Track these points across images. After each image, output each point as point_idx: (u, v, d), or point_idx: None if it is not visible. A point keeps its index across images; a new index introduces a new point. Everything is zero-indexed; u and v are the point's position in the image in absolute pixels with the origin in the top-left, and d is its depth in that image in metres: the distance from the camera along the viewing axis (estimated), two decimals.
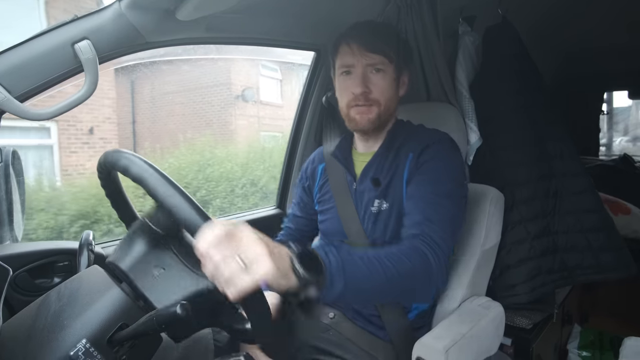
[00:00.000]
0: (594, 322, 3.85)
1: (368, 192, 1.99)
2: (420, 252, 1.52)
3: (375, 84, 1.89)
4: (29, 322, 1.20)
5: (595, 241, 2.65)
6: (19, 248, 1.89)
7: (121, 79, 13.64)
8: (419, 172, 1.84)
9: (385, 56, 1.88)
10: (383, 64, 1.88)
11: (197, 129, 14.03)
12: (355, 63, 1.89)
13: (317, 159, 2.32)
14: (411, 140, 1.97)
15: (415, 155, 1.88)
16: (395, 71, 1.93)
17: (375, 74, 1.89)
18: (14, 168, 1.89)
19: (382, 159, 1.99)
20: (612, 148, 6.83)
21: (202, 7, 1.68)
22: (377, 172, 1.98)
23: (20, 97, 1.55)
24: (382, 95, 1.90)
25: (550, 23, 3.72)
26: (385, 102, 1.92)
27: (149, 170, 1.17)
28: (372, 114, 1.91)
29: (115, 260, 1.28)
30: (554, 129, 2.72)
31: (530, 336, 2.72)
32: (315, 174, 2.29)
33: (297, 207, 2.38)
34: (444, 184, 1.78)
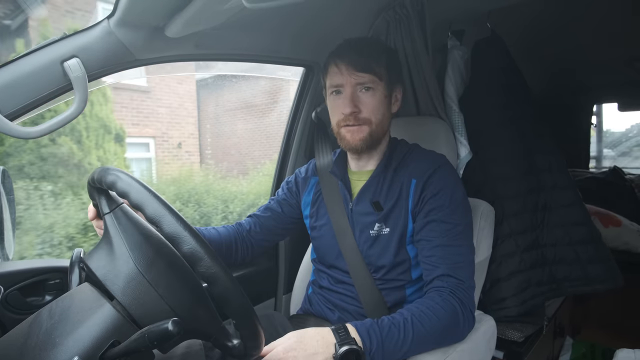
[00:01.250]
0: (586, 334, 3.86)
1: (367, 215, 1.97)
2: (452, 308, 1.60)
3: (365, 103, 1.88)
4: (20, 340, 1.20)
5: (583, 253, 2.66)
6: (9, 266, 1.87)
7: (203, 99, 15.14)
8: (427, 210, 1.83)
9: (375, 74, 1.86)
10: (373, 83, 1.87)
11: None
12: (344, 83, 1.88)
13: (311, 171, 2.30)
14: (410, 162, 1.96)
15: (420, 182, 1.87)
16: (387, 88, 1.92)
17: (364, 93, 1.88)
18: (4, 187, 1.89)
19: (380, 180, 1.98)
20: (601, 161, 6.85)
21: (191, 24, 1.68)
22: (377, 195, 1.96)
23: (10, 115, 1.55)
24: (373, 114, 1.88)
25: (538, 36, 3.74)
26: (377, 121, 1.90)
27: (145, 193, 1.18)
28: (363, 133, 1.89)
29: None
30: (542, 142, 2.74)
31: (522, 349, 2.72)
32: (306, 184, 2.27)
33: (276, 204, 2.34)
34: (458, 221, 1.81)
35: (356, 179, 2.08)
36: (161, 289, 1.24)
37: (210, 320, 1.30)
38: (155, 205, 1.16)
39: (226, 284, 1.13)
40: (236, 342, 1.29)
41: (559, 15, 3.30)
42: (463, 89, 2.75)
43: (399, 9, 2.47)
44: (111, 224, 1.34)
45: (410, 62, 2.51)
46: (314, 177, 2.25)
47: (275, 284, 2.84)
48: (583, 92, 5.38)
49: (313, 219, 2.19)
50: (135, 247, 1.28)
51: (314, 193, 2.21)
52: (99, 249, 1.33)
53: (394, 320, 1.51)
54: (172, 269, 1.31)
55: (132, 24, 1.69)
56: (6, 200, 1.91)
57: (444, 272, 1.69)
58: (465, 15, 2.77)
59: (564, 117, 5.06)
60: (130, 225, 1.34)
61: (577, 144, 5.72)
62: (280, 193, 2.36)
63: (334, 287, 2.07)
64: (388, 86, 1.92)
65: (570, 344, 3.63)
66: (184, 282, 1.30)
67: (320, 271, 2.18)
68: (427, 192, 1.84)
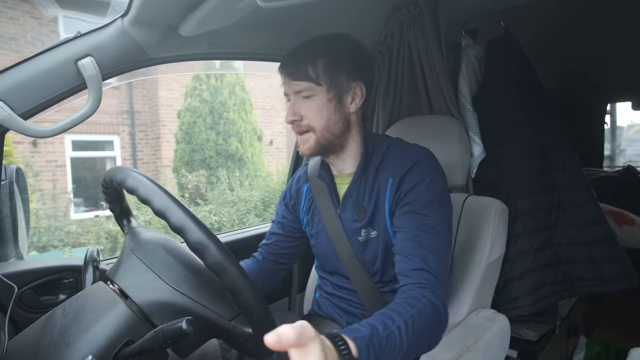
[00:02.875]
0: (600, 333, 3.84)
1: (353, 221, 1.92)
2: (434, 306, 1.52)
3: (306, 110, 1.80)
4: (34, 340, 1.20)
5: (598, 253, 2.65)
6: (24, 265, 1.88)
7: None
8: (403, 204, 1.77)
9: (311, 81, 1.76)
10: (310, 90, 1.77)
11: None
12: (287, 92, 1.84)
13: (302, 179, 2.21)
14: (390, 161, 1.88)
15: (396, 181, 1.80)
16: (330, 91, 1.78)
17: (305, 101, 1.80)
18: (18, 185, 1.89)
19: (361, 184, 1.91)
20: (615, 160, 6.82)
21: (205, 23, 1.68)
22: (360, 199, 1.90)
23: (24, 114, 1.56)
24: (315, 120, 1.80)
25: (552, 35, 3.73)
26: (321, 127, 1.80)
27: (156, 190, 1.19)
28: (310, 142, 1.83)
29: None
30: (556, 141, 2.72)
31: (536, 348, 2.71)
32: (300, 194, 2.20)
33: (278, 226, 2.27)
34: (434, 214, 1.73)
35: (340, 183, 2.01)
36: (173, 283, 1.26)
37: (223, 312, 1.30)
38: (161, 198, 1.16)
39: (234, 274, 1.14)
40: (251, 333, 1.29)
41: (573, 14, 3.29)
42: (477, 88, 2.74)
43: (412, 7, 2.46)
44: (129, 239, 1.40)
45: (423, 61, 2.51)
46: (306, 184, 2.17)
47: (289, 283, 2.84)
48: (597, 90, 5.36)
49: (310, 227, 2.14)
50: (152, 258, 1.31)
51: (307, 200, 2.15)
52: (120, 263, 1.36)
53: (388, 329, 1.39)
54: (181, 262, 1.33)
55: (146, 23, 1.69)
56: (20, 200, 1.92)
57: (419, 266, 1.62)
58: (479, 14, 2.76)
59: (577, 116, 5.03)
60: (146, 240, 1.39)
61: (591, 142, 5.69)
62: (280, 212, 2.28)
63: (339, 293, 2.06)
64: (332, 88, 1.79)
65: (584, 343, 3.61)
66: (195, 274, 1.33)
67: (323, 278, 2.17)
68: (402, 189, 1.78)
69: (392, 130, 2.52)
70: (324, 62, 1.78)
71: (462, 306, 2.08)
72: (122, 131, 13.20)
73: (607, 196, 3.83)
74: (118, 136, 13.20)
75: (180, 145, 12.57)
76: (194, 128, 12.44)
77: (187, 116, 12.55)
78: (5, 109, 1.50)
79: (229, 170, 12.10)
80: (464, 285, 2.12)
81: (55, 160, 11.29)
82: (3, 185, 1.82)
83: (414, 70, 2.57)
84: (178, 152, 12.62)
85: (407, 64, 2.59)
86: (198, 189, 11.74)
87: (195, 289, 1.29)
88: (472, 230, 2.14)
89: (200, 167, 12.24)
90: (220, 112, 12.62)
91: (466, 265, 2.13)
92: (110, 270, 1.37)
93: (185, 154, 12.44)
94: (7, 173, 1.85)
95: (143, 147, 13.57)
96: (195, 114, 12.48)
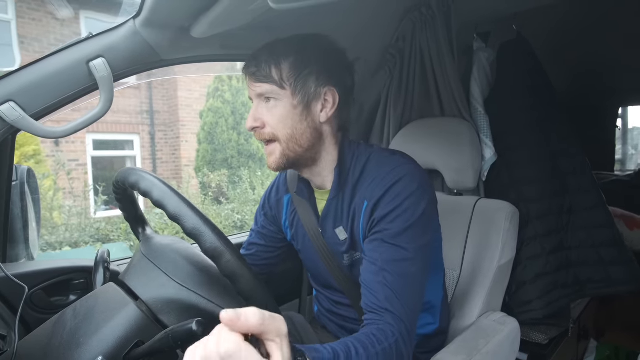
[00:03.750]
0: (610, 337, 3.83)
1: (335, 244, 1.78)
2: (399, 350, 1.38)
3: (267, 116, 1.62)
4: (45, 340, 1.21)
5: (606, 255, 2.65)
6: (34, 266, 1.88)
7: None
8: (375, 232, 1.59)
9: (273, 84, 1.58)
10: (272, 93, 1.59)
11: None
12: (251, 95, 1.67)
13: (282, 189, 2.04)
14: (365, 178, 1.68)
15: (370, 206, 1.62)
16: (295, 96, 1.60)
17: (267, 104, 1.62)
18: (29, 186, 1.90)
19: (338, 203, 1.75)
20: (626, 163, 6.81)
21: (217, 24, 1.67)
22: (338, 220, 1.75)
23: (35, 115, 1.56)
24: (278, 128, 1.62)
25: (564, 38, 3.72)
26: (286, 137, 1.62)
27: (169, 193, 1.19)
28: (276, 154, 1.65)
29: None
30: (567, 145, 2.72)
31: (546, 352, 2.70)
32: (280, 205, 2.03)
33: (258, 236, 2.12)
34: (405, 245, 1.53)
35: (319, 198, 1.85)
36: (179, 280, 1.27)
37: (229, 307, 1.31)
38: (175, 202, 1.16)
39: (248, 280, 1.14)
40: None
41: (585, 17, 3.28)
42: (489, 91, 2.73)
43: (425, 10, 2.46)
44: (142, 244, 1.42)
45: (435, 63, 2.51)
46: (286, 195, 2.00)
47: (299, 284, 2.84)
48: (609, 94, 5.34)
49: (296, 242, 2.01)
50: (165, 262, 1.32)
51: (290, 213, 1.98)
52: (130, 266, 1.37)
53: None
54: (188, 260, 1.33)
55: (157, 24, 1.69)
56: (31, 200, 1.92)
57: (384, 306, 1.45)
58: (491, 17, 2.76)
59: (589, 119, 5.02)
60: (156, 242, 1.41)
61: (602, 146, 5.67)
62: (259, 222, 2.12)
63: (335, 309, 1.97)
64: (298, 93, 1.60)
65: (595, 347, 3.60)
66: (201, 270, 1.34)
67: (319, 292, 2.08)
68: (376, 215, 1.59)
69: (403, 133, 2.51)
70: (290, 63, 1.61)
71: (473, 309, 2.08)
72: (142, 131, 13.38)
73: (619, 200, 3.82)
74: (138, 136, 13.38)
75: (202, 145, 12.77)
76: (216, 128, 12.61)
77: (209, 116, 12.72)
78: (17, 110, 1.50)
79: (250, 169, 12.26)
80: (474, 289, 2.11)
81: (77, 159, 11.40)
82: (14, 186, 1.83)
83: (426, 73, 2.57)
84: (200, 152, 12.80)
85: (418, 66, 2.59)
86: (220, 188, 11.93)
87: (201, 285, 1.30)
88: (483, 233, 2.14)
89: (222, 166, 12.44)
90: (242, 113, 12.75)
91: (477, 268, 2.13)
92: (122, 274, 1.38)
93: (207, 153, 12.64)
94: (19, 174, 1.85)
95: (162, 146, 13.76)
96: (217, 114, 12.64)
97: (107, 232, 8.67)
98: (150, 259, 1.34)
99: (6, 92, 1.51)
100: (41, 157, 9.01)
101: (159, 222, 8.50)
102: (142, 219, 1.57)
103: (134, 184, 1.25)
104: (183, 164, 13.36)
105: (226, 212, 10.05)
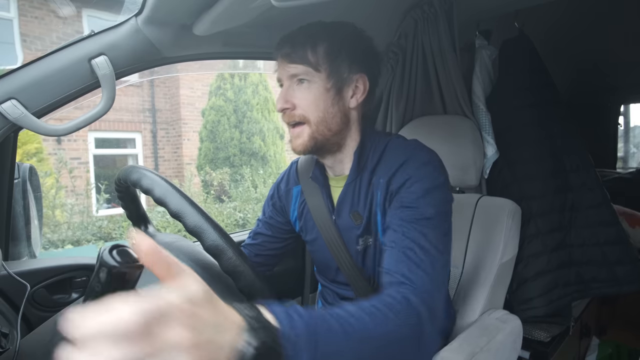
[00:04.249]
0: (612, 334, 3.84)
1: (350, 228, 1.77)
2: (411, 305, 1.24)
3: (299, 98, 1.63)
4: (47, 338, 1.21)
5: (611, 254, 2.65)
6: (36, 264, 1.88)
7: None
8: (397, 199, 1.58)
9: (308, 65, 1.60)
10: (307, 74, 1.61)
11: None
12: (281, 77, 1.68)
13: (292, 180, 2.04)
14: (382, 162, 1.70)
15: (385, 181, 1.64)
16: (329, 79, 1.62)
17: (299, 86, 1.63)
18: (31, 184, 1.90)
19: (354, 187, 1.74)
20: (628, 161, 6.80)
21: (219, 22, 1.67)
22: (355, 204, 1.75)
23: (37, 113, 1.56)
24: (309, 110, 1.62)
25: (566, 36, 3.72)
26: (317, 119, 1.63)
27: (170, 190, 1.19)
28: (303, 137, 1.66)
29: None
30: (570, 142, 2.72)
31: (548, 349, 2.70)
32: (289, 196, 2.03)
33: (265, 226, 2.12)
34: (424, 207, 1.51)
35: (334, 185, 1.85)
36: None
37: None
38: (177, 200, 1.16)
39: (249, 277, 1.13)
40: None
41: (587, 14, 3.28)
42: (490, 89, 2.73)
43: (427, 7, 2.46)
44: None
45: (437, 61, 2.51)
46: (296, 186, 2.00)
47: (302, 281, 2.84)
48: (611, 92, 5.34)
49: (304, 234, 2.00)
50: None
51: (299, 204, 1.97)
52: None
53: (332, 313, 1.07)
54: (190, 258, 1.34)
55: (159, 21, 1.69)
56: (33, 198, 1.92)
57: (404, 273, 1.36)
58: (493, 15, 2.75)
59: (591, 117, 5.02)
60: (158, 240, 1.39)
61: (605, 144, 5.67)
62: (267, 212, 2.13)
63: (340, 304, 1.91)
64: (332, 77, 1.62)
65: (597, 345, 3.60)
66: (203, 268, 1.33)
67: (324, 287, 2.07)
68: (392, 187, 1.61)
69: (405, 131, 2.51)
70: (326, 47, 1.62)
71: (475, 307, 2.08)
72: (143, 129, 13.44)
73: (621, 197, 3.81)
74: (140, 134, 13.44)
75: (204, 144, 12.80)
76: (218, 126, 12.64)
77: (211, 115, 12.75)
78: (19, 108, 1.51)
79: (252, 168, 12.31)
80: (477, 286, 2.11)
81: (78, 158, 11.43)
82: (16, 184, 1.83)
83: (428, 71, 2.57)
84: (202, 150, 12.84)
85: (420, 64, 2.59)
86: (222, 186, 11.93)
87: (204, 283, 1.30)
88: (485, 231, 2.14)
89: (224, 164, 12.49)
90: (244, 111, 12.82)
91: (479, 266, 2.13)
92: None
93: (209, 151, 12.67)
94: (21, 171, 1.85)
95: (164, 144, 13.80)
96: (219, 112, 12.68)
97: (109, 230, 8.66)
98: None
99: (8, 90, 1.51)
100: (43, 155, 9.01)
101: (161, 220, 8.49)
102: (144, 217, 1.57)
103: (136, 181, 1.25)
104: (185, 162, 13.38)
105: (228, 210, 10.03)
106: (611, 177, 4.83)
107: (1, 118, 1.50)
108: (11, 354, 1.18)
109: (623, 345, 3.65)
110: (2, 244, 1.81)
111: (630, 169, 5.55)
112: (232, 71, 12.09)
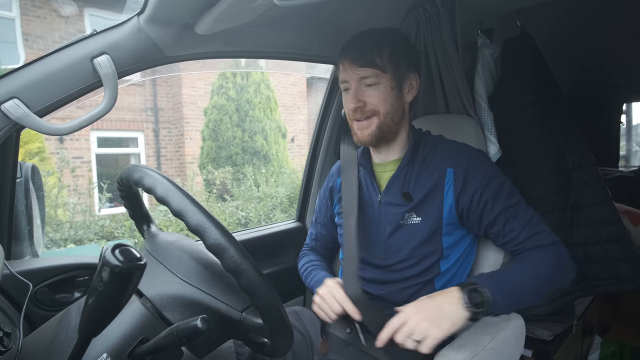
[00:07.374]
0: (615, 333, 3.83)
1: (397, 205, 1.97)
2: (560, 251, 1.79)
3: (370, 97, 1.88)
4: (49, 337, 1.21)
5: (613, 252, 2.64)
6: (39, 263, 1.88)
7: (311, 97, 17.05)
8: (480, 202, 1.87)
9: (377, 68, 1.85)
10: (376, 77, 1.86)
11: None
12: (349, 79, 1.91)
13: (335, 174, 2.31)
14: (440, 152, 1.98)
15: (459, 170, 1.91)
16: (393, 79, 1.90)
17: (369, 88, 1.88)
18: (33, 183, 1.90)
19: (408, 170, 1.98)
20: (630, 160, 6.80)
21: (221, 21, 1.68)
22: (406, 185, 1.97)
23: (40, 112, 1.56)
24: (379, 105, 1.89)
25: (569, 34, 3.71)
26: (385, 111, 1.90)
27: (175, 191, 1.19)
28: (372, 128, 1.91)
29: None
30: (572, 140, 2.71)
31: (551, 348, 2.70)
32: (334, 190, 2.29)
33: (320, 225, 2.40)
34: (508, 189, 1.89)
35: (380, 171, 2.09)
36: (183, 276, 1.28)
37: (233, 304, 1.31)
38: (179, 198, 1.16)
39: (252, 276, 1.14)
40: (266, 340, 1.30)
41: (590, 13, 3.28)
42: (493, 87, 2.73)
43: (429, 6, 2.45)
44: (147, 242, 1.44)
45: (439, 60, 2.50)
46: (338, 179, 2.26)
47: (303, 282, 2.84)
48: (613, 90, 5.34)
49: (339, 217, 2.21)
50: (169, 259, 1.32)
51: (340, 193, 2.20)
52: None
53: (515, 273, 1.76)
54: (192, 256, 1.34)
55: (162, 21, 1.69)
56: (35, 197, 1.92)
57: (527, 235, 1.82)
58: (495, 13, 2.75)
59: (593, 116, 5.01)
60: (160, 239, 1.42)
61: (607, 142, 5.67)
62: (322, 211, 2.40)
63: (365, 287, 2.00)
64: (395, 77, 1.90)
65: (599, 343, 3.60)
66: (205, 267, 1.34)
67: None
68: (469, 189, 1.88)
69: None
70: (389, 51, 1.87)
71: None
72: (146, 128, 13.50)
73: (623, 196, 3.81)
74: (142, 133, 13.51)
75: (207, 143, 12.87)
76: (220, 125, 12.70)
77: (213, 114, 12.80)
78: (21, 107, 1.51)
79: (254, 167, 12.37)
80: None
81: (81, 157, 11.43)
82: (19, 183, 1.83)
83: (430, 70, 2.56)
84: (204, 149, 12.90)
85: (423, 63, 2.58)
86: (224, 185, 11.94)
87: (205, 281, 1.30)
88: None
89: (227, 163, 12.57)
90: (246, 110, 12.89)
91: (481, 265, 2.13)
92: None
93: (211, 150, 12.74)
94: (23, 170, 1.85)
95: (167, 143, 13.87)
96: (221, 111, 12.74)
97: (112, 229, 8.66)
98: (154, 255, 1.34)
99: (10, 89, 1.51)
100: (45, 154, 9.03)
101: (164, 219, 8.49)
102: (146, 216, 1.57)
103: (138, 180, 1.25)
104: (187, 161, 13.41)
105: (230, 209, 9.99)
106: (613, 175, 4.83)
107: (3, 117, 1.50)
108: (13, 353, 1.18)
109: (626, 343, 3.65)
110: (5, 243, 1.81)
111: (633, 168, 5.55)
112: (234, 70, 12.12)
